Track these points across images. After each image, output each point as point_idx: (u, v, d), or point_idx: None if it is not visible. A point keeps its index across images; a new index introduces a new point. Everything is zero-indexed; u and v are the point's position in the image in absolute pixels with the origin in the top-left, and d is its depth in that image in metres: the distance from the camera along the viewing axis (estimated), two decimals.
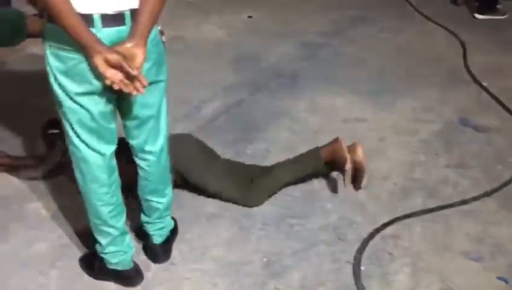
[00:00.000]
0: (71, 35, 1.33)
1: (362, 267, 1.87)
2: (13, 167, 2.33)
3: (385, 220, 2.08)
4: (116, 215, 1.69)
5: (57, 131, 2.25)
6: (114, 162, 1.63)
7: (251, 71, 3.31)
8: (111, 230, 1.70)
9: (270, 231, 2.05)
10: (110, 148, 1.59)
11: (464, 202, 2.17)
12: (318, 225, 2.07)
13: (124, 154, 1.68)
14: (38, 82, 2.92)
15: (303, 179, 2.25)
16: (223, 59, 3.45)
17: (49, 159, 2.30)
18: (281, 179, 2.19)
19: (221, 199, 2.17)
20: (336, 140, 2.21)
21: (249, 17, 4.14)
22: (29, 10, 3.77)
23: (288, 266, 1.89)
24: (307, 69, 3.34)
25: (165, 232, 1.90)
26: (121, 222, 1.72)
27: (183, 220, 2.05)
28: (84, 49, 1.35)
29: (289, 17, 4.15)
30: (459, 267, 1.88)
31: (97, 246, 1.77)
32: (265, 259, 1.92)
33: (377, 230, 2.03)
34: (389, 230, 2.04)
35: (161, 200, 1.81)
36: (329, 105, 2.93)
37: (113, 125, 1.57)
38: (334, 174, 2.27)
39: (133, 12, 1.40)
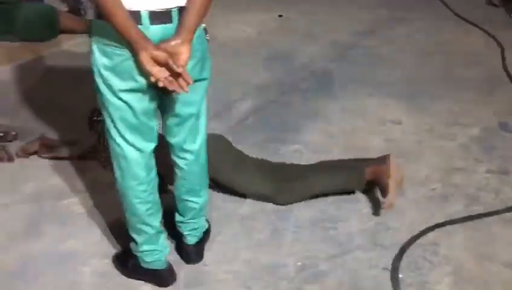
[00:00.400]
0: (119, 32, 1.33)
1: (400, 275, 1.82)
2: (48, 147, 2.39)
3: (424, 227, 2.01)
4: (153, 213, 1.67)
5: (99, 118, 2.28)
6: (153, 160, 1.62)
7: (282, 71, 3.26)
8: (147, 228, 1.68)
9: (305, 234, 2.00)
10: (150, 146, 1.58)
11: (507, 210, 2.09)
12: (354, 230, 2.02)
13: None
14: (72, 77, 2.96)
15: (338, 193, 2.17)
16: (254, 58, 3.41)
17: (81, 142, 2.36)
18: (316, 189, 2.13)
19: (251, 196, 2.14)
20: (384, 160, 2.09)
21: (280, 15, 4.09)
22: (60, 6, 3.81)
23: (323, 271, 1.84)
24: (340, 69, 3.27)
25: (199, 233, 1.88)
26: (157, 220, 1.71)
27: (215, 221, 2.02)
28: (131, 46, 1.35)
29: (321, 15, 4.08)
30: (503, 279, 1.81)
31: (132, 245, 1.75)
32: (299, 263, 1.88)
33: (416, 237, 1.97)
34: (428, 237, 1.97)
35: (197, 200, 1.78)
36: (363, 106, 2.86)
37: (154, 123, 1.56)
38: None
39: (180, 10, 1.39)
